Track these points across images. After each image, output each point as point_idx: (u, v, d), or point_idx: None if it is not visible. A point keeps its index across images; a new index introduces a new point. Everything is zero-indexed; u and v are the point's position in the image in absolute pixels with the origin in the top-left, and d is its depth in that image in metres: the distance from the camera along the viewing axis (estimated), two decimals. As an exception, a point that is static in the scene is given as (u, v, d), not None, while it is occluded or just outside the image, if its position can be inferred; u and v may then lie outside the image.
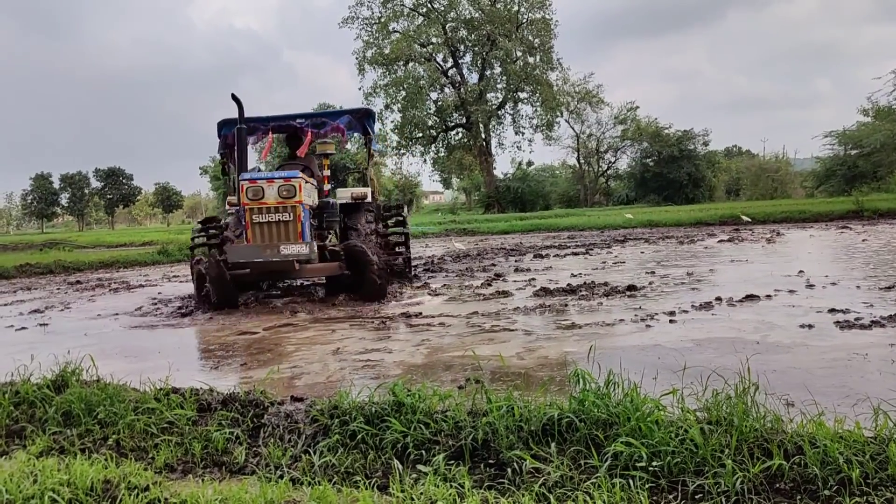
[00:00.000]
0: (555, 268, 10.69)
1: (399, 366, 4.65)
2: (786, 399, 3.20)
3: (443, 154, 51.44)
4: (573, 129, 52.51)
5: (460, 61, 48.58)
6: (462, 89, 47.62)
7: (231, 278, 7.54)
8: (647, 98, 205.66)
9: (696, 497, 2.30)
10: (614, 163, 54.48)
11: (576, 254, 13.15)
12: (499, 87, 48.37)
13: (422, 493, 2.39)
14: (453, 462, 2.66)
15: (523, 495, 2.36)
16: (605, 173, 54.94)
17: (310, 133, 9.36)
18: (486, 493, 2.40)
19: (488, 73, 47.63)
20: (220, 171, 11.52)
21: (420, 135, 48.32)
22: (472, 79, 48.45)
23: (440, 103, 47.97)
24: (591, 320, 5.88)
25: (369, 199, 9.63)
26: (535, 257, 12.74)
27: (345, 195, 9.67)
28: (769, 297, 6.52)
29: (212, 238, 8.86)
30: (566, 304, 6.82)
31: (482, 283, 9.00)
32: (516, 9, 46.50)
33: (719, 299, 6.48)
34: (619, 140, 52.04)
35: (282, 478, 2.67)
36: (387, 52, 45.96)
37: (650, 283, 8.07)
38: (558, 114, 48.77)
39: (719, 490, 2.29)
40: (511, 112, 49.24)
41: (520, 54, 46.50)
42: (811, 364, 4.04)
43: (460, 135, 50.21)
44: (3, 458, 3.14)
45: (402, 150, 49.73)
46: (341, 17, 57.08)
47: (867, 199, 21.87)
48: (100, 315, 8.08)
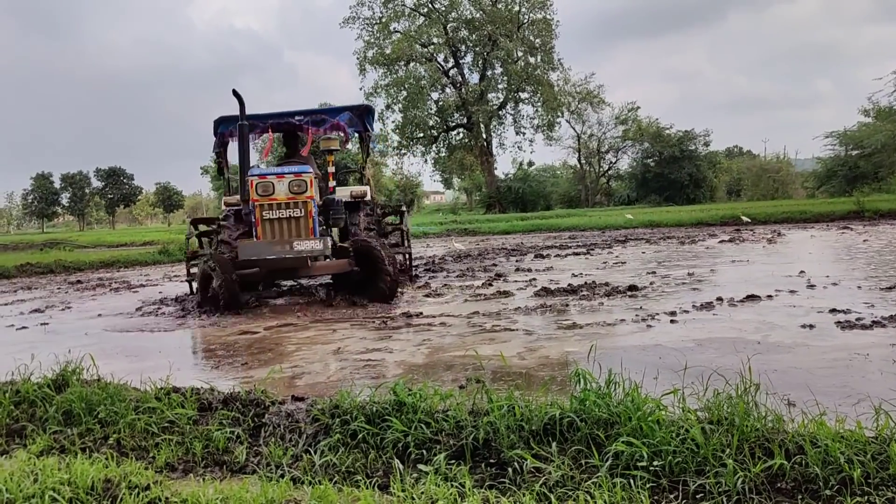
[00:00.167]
0: (556, 268, 10.69)
1: (400, 365, 4.65)
2: (787, 399, 3.20)
3: (444, 154, 51.40)
4: (574, 129, 52.49)
5: (461, 61, 48.55)
6: (463, 89, 47.59)
7: (238, 278, 7.35)
8: (648, 98, 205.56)
9: (698, 497, 2.30)
10: (615, 163, 54.44)
11: (577, 254, 13.15)
12: (500, 87, 48.34)
13: (423, 493, 2.39)
14: (454, 461, 2.66)
15: (524, 495, 2.36)
16: (606, 174, 54.86)
17: (310, 131, 9.34)
18: (487, 493, 2.40)
19: (489, 73, 47.59)
20: (216, 171, 11.43)
21: (421, 135, 48.32)
22: (473, 79, 48.45)
23: (441, 103, 47.94)
24: (592, 320, 5.88)
25: (368, 197, 9.62)
26: (536, 257, 12.74)
27: (344, 194, 9.67)
28: (770, 297, 6.52)
29: (211, 238, 8.78)
30: (567, 304, 6.82)
31: (483, 283, 9.00)
32: (517, 9, 46.45)
33: (720, 299, 6.48)
34: (620, 140, 51.96)
35: (283, 477, 2.67)
36: (388, 52, 45.93)
37: (651, 283, 8.07)
38: (559, 114, 48.72)
39: (720, 490, 2.29)
40: (512, 112, 49.24)
41: (521, 54, 46.48)
42: (812, 364, 4.04)
43: (461, 135, 50.18)
44: (3, 457, 3.14)
45: (403, 151, 49.77)
46: (342, 17, 57.07)
47: (868, 200, 21.84)
48: (100, 314, 8.09)
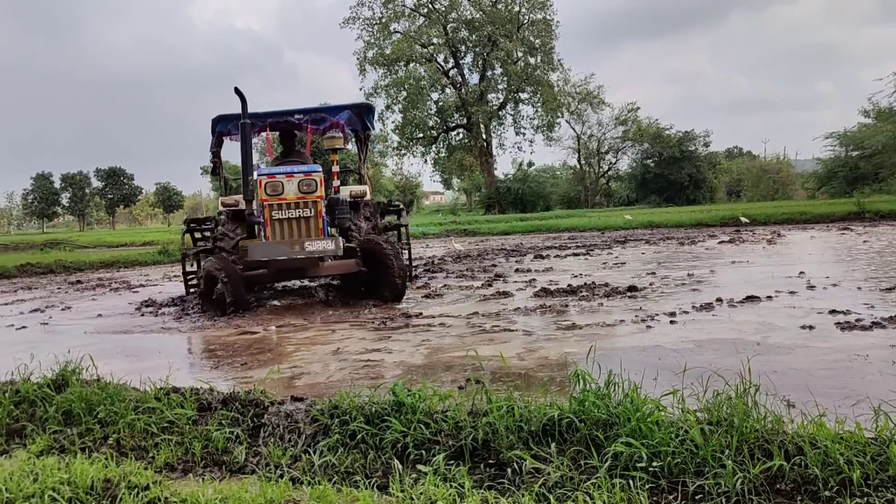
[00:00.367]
0: (555, 268, 10.69)
1: (399, 366, 4.65)
2: (786, 400, 3.20)
3: (443, 155, 51.40)
4: (574, 129, 52.47)
5: (461, 62, 48.57)
6: (463, 90, 47.62)
7: (244, 279, 7.24)
8: (648, 99, 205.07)
9: (697, 497, 2.30)
10: (615, 164, 54.41)
11: (576, 255, 13.14)
12: (500, 87, 48.35)
13: (422, 493, 2.39)
14: (453, 462, 2.66)
15: (523, 495, 2.36)
16: (606, 174, 54.84)
17: (309, 130, 9.31)
18: (486, 493, 2.40)
19: (489, 73, 47.61)
20: (211, 171, 11.33)
21: (421, 135, 48.33)
22: (473, 79, 48.49)
23: (441, 104, 47.95)
24: (591, 321, 5.88)
25: (368, 196, 9.61)
26: (535, 258, 12.74)
27: (343, 194, 9.66)
28: (770, 298, 6.52)
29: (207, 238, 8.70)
30: (567, 305, 6.82)
31: (483, 284, 9.00)
32: (517, 9, 46.47)
33: (720, 300, 6.48)
34: (620, 141, 51.93)
35: (282, 477, 2.67)
36: (388, 52, 45.94)
37: (651, 283, 8.07)
38: (559, 114, 48.71)
39: (720, 490, 2.28)
40: (512, 113, 49.25)
41: (521, 55, 46.49)
42: (812, 365, 4.04)
43: (461, 135, 50.19)
44: (3, 456, 3.15)
45: (402, 151, 49.76)
46: (342, 17, 56.85)
47: (868, 201, 21.84)
48: (100, 315, 8.09)
